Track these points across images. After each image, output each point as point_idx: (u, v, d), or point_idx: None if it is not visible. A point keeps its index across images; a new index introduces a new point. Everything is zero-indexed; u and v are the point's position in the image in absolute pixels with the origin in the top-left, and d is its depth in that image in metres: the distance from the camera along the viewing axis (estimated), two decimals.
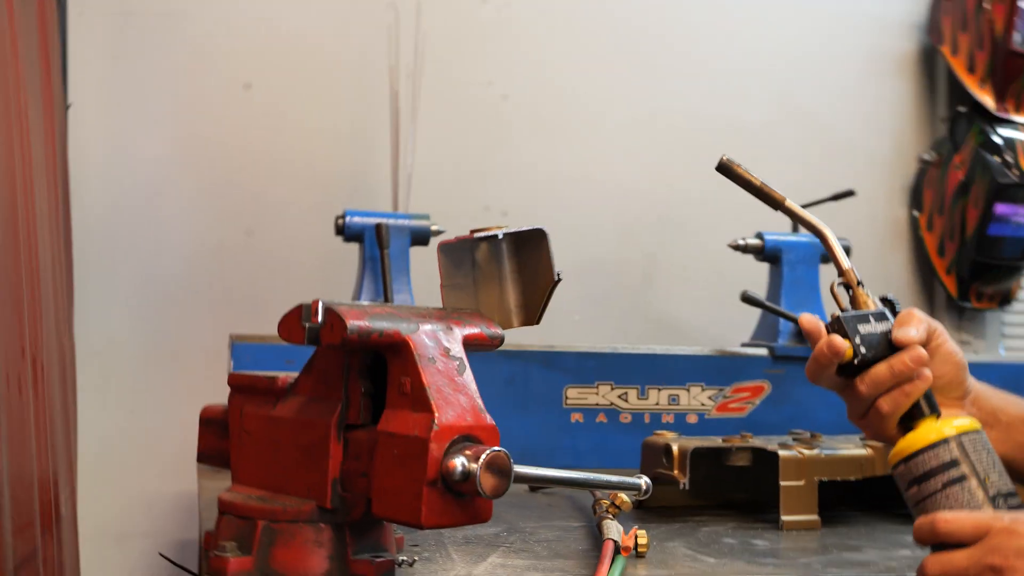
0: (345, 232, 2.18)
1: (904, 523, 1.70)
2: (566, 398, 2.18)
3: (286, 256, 2.58)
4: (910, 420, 1.15)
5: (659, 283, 2.90)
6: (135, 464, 2.48)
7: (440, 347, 1.12)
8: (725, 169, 1.32)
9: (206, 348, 2.45)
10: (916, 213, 3.08)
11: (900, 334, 1.17)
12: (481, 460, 1.04)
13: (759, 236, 2.39)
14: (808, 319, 1.23)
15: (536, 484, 1.13)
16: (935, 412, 1.16)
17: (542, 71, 2.84)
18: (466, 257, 1.24)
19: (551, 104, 2.84)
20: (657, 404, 2.21)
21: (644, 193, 2.90)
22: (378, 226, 2.07)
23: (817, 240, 2.39)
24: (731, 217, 2.79)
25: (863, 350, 1.17)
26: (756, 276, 2.52)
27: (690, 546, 1.46)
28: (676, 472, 1.66)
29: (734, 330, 2.57)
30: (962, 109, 2.96)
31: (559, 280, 1.25)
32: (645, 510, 1.75)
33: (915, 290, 3.10)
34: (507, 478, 1.06)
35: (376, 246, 2.10)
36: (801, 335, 2.28)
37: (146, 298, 2.52)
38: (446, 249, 1.21)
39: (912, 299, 3.09)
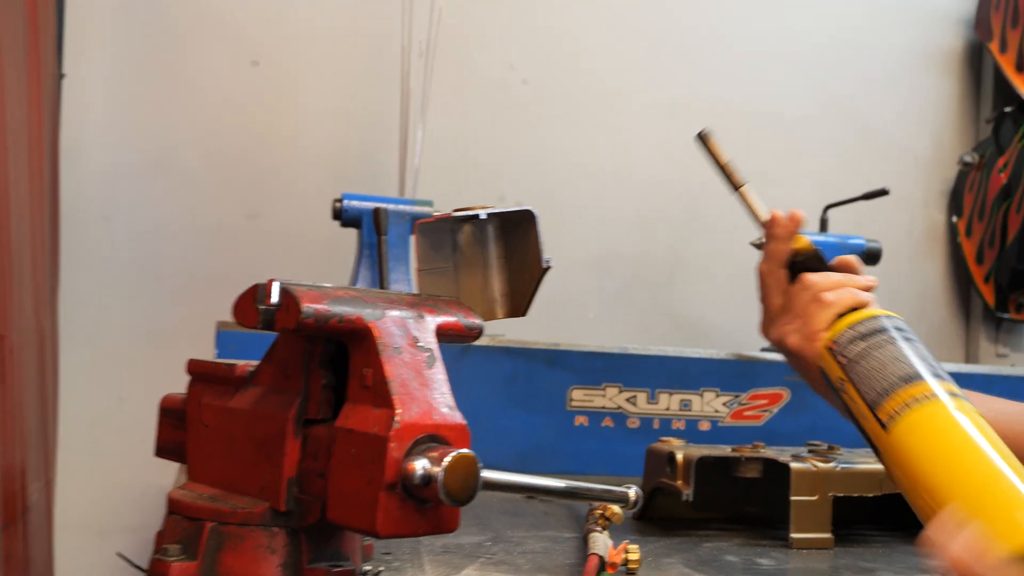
0: (342, 217, 2.09)
1: None
2: (571, 400, 2.07)
3: (289, 241, 2.50)
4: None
5: (682, 281, 2.80)
6: (123, 455, 2.40)
7: (408, 336, 1.03)
8: (702, 139, 1.37)
9: (202, 335, 2.35)
10: (955, 218, 2.95)
11: (843, 258, 1.24)
12: (445, 463, 0.94)
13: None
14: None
15: (509, 492, 1.03)
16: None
17: (565, 55, 2.74)
18: (446, 239, 1.14)
19: (574, 90, 2.74)
20: (668, 409, 2.10)
21: (669, 186, 2.79)
22: (376, 211, 1.98)
23: (846, 240, 2.29)
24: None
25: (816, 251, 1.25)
26: None
27: (688, 563, 1.36)
28: (680, 482, 1.55)
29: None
30: (1008, 109, 2.83)
31: (548, 268, 1.15)
32: (646, 522, 1.65)
33: (951, 299, 2.97)
34: (473, 484, 0.96)
35: (374, 232, 2.00)
36: None
37: (140, 281, 2.45)
38: (424, 229, 1.11)
39: (947, 309, 2.97)
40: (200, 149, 2.49)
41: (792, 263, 1.26)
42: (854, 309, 1.16)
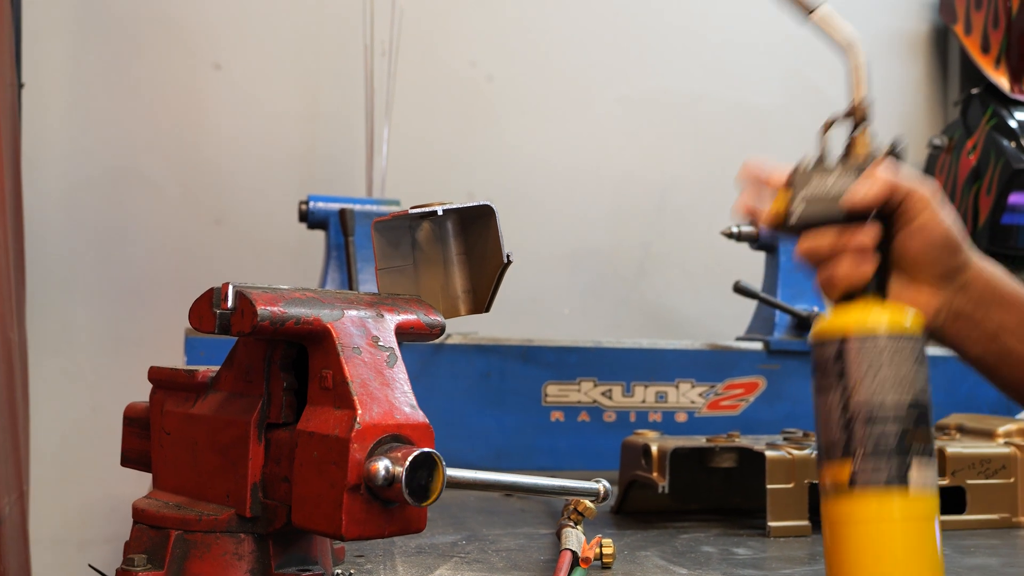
0: (309, 219, 2.08)
1: None
2: (545, 395, 2.07)
3: (256, 246, 2.49)
4: (849, 295, 1.00)
5: (655, 274, 2.79)
6: (98, 466, 2.38)
7: (367, 336, 1.02)
8: None
9: (171, 343, 2.34)
10: None
11: (847, 196, 1.00)
12: (407, 463, 0.93)
13: (754, 223, 2.26)
14: (751, 165, 1.08)
15: (474, 489, 1.02)
16: (880, 292, 1.00)
17: (530, 49, 2.74)
18: (404, 237, 1.13)
19: (540, 85, 2.74)
20: (644, 402, 2.10)
21: (640, 179, 2.79)
22: (342, 211, 1.97)
23: None
24: (733, 204, 2.68)
25: (799, 210, 1.02)
26: (759, 267, 2.40)
27: (664, 555, 1.35)
28: (655, 474, 1.55)
29: (734, 324, 2.45)
30: (975, 91, 2.84)
31: (509, 262, 1.14)
32: (623, 516, 1.64)
33: None
34: (438, 483, 0.95)
35: (341, 233, 2.00)
36: (799, 327, 2.18)
37: (108, 290, 2.43)
38: (381, 228, 1.10)
39: None
40: (163, 155, 2.48)
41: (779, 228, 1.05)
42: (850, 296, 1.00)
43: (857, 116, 1.06)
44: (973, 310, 1.05)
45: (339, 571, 1.15)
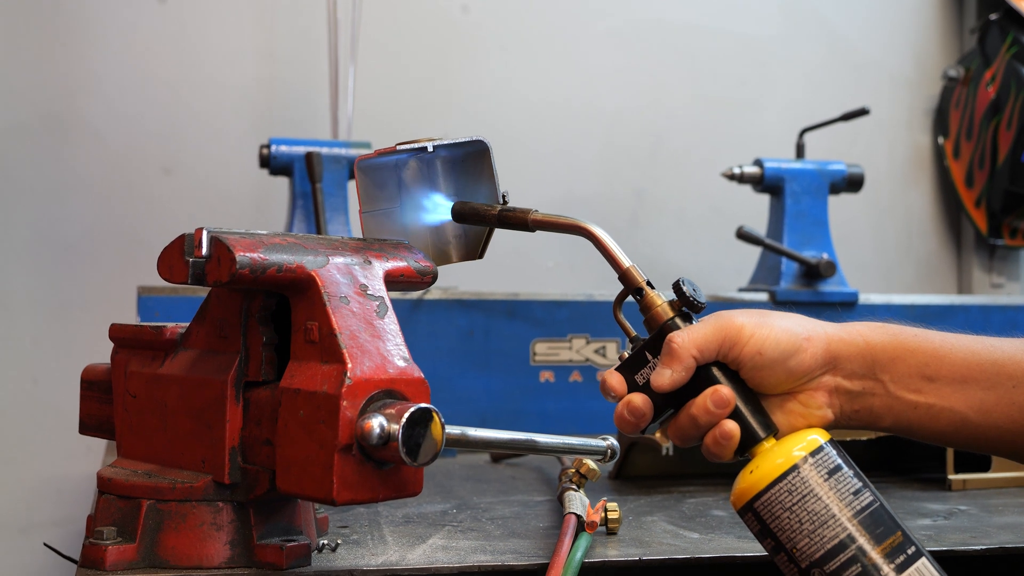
0: (271, 164, 2.09)
1: (923, 489, 1.63)
2: (534, 354, 2.09)
3: (211, 196, 2.49)
4: (744, 449, 1.02)
5: (649, 222, 2.81)
6: (41, 442, 2.39)
7: (355, 284, 1.03)
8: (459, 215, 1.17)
9: (121, 304, 2.34)
10: (941, 139, 2.98)
11: (657, 380, 1.03)
12: (404, 420, 0.94)
13: (758, 163, 2.30)
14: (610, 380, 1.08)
15: (476, 449, 1.03)
16: (771, 431, 1.02)
17: None
18: (390, 177, 1.14)
19: (522, 16, 2.73)
20: None
21: (632, 119, 2.80)
22: (308, 155, 1.97)
23: (825, 166, 2.31)
24: (733, 146, 2.71)
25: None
26: (761, 213, 2.42)
27: (672, 520, 1.38)
28: (658, 435, 1.57)
29: (736, 276, 2.48)
30: (994, 16, 2.85)
31: (506, 203, 1.15)
32: (622, 481, 1.67)
33: (940, 227, 3.01)
34: (436, 442, 0.97)
35: (307, 180, 2.00)
36: (807, 275, 2.21)
37: (47, 249, 2.42)
38: (365, 167, 1.11)
39: (936, 238, 3.01)
40: (104, 99, 2.46)
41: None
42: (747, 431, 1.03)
43: (631, 285, 1.09)
44: (862, 384, 1.06)
45: (325, 541, 1.16)
